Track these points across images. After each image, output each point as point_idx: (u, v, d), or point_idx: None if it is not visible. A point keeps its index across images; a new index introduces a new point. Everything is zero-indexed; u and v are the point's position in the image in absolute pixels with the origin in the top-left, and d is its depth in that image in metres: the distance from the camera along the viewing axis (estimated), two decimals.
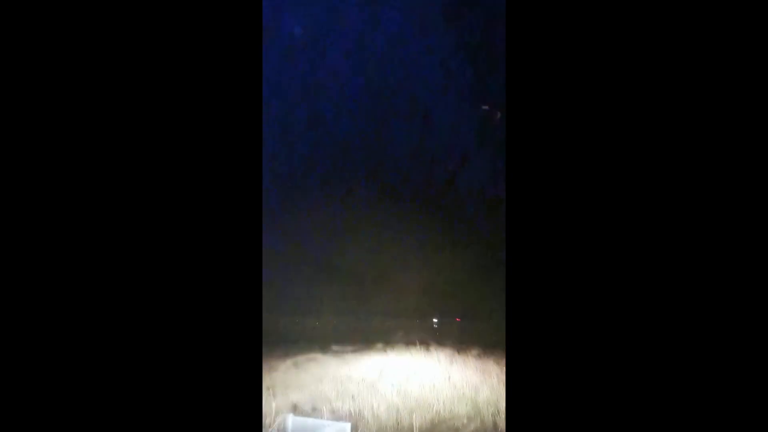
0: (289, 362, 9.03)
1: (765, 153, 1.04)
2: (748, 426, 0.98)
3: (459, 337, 11.97)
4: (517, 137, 1.17)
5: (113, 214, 1.07)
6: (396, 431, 4.43)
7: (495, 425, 4.47)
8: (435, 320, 12.96)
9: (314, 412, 5.20)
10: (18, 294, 1.00)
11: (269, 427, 4.65)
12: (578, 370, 1.05)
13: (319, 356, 10.04)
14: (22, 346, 0.99)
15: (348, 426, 3.98)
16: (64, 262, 1.04)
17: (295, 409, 5.31)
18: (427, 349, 10.18)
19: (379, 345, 11.66)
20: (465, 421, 4.70)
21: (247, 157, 1.17)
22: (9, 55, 1.05)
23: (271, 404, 5.50)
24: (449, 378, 6.72)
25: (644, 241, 1.07)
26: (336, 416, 4.85)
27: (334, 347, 11.52)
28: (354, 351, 10.92)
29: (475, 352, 9.30)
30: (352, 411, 5.13)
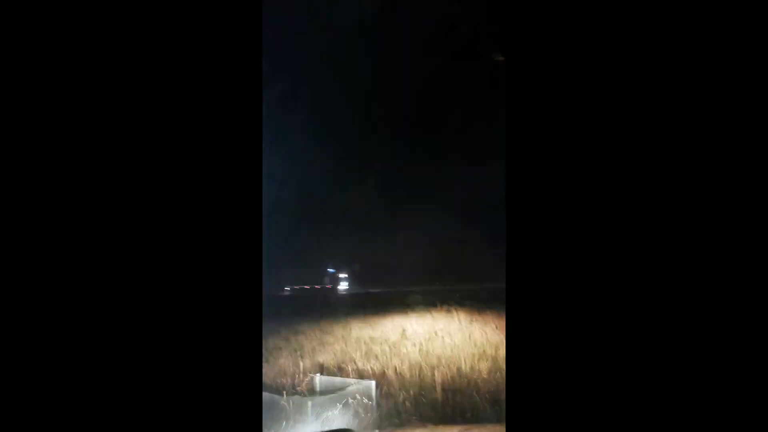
0: (315, 327, 9.41)
1: (766, 153, 1.03)
2: (748, 426, 0.99)
3: (480, 297, 12.10)
4: (517, 137, 1.14)
5: (111, 209, 1.07)
6: (419, 387, 4.60)
7: None
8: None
9: (340, 372, 5.44)
10: (17, 294, 1.02)
11: (298, 386, 4.92)
12: (579, 370, 1.06)
13: (343, 320, 10.40)
14: (21, 347, 1.02)
15: (372, 384, 4.15)
16: (63, 262, 1.05)
17: (322, 370, 5.57)
18: (448, 310, 10.35)
19: (401, 308, 11.96)
20: (486, 376, 4.83)
21: (246, 154, 1.14)
22: (7, 54, 1.05)
23: (299, 365, 5.80)
24: (470, 337, 6.86)
25: (647, 239, 1.05)
26: (360, 375, 5.06)
27: (358, 311, 11.91)
28: (376, 314, 11.24)
29: (496, 312, 9.41)
30: (376, 370, 5.34)
